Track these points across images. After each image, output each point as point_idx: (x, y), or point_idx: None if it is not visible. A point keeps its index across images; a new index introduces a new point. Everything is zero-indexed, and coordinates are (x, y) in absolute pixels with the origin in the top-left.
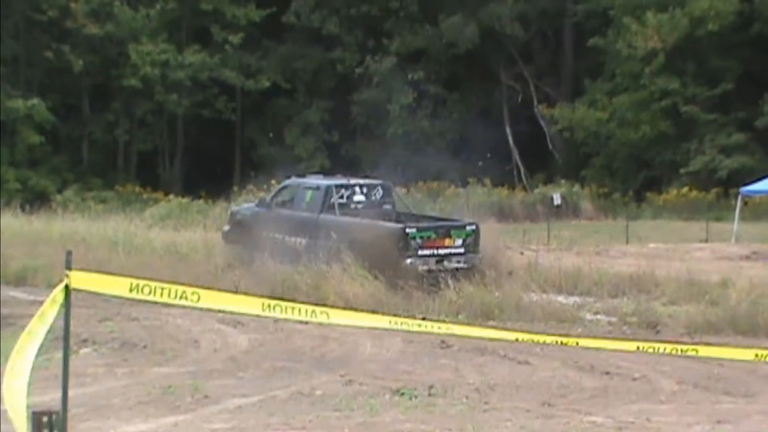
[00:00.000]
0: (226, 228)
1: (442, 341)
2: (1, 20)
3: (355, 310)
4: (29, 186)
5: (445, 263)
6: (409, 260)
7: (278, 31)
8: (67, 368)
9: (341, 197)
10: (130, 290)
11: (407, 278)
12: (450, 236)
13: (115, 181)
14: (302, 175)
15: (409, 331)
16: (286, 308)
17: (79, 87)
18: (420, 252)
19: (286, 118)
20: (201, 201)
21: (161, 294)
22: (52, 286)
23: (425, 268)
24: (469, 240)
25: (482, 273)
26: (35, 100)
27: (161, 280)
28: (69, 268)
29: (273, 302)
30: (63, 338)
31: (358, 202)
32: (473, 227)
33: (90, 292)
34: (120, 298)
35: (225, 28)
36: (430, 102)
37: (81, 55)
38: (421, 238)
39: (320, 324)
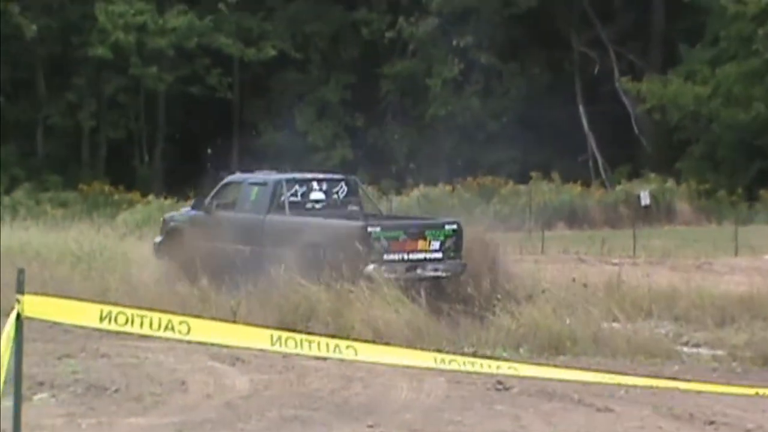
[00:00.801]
0: (158, 239)
1: (498, 382)
2: None
3: (389, 343)
4: None
5: (419, 271)
6: (371, 266)
7: None
8: (19, 420)
9: (294, 195)
10: (101, 319)
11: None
12: (424, 237)
13: (79, 179)
14: (249, 171)
15: (458, 371)
16: (301, 342)
17: (33, 58)
18: (386, 256)
19: (296, 96)
20: (189, 202)
21: (141, 324)
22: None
23: (392, 276)
24: (449, 242)
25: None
26: None
27: (140, 307)
28: (21, 291)
29: (285, 334)
30: (14, 381)
31: (316, 201)
32: (454, 227)
33: (48, 322)
34: (87, 328)
35: None
36: (481, 75)
37: (34, 17)
38: (387, 239)
39: (343, 360)
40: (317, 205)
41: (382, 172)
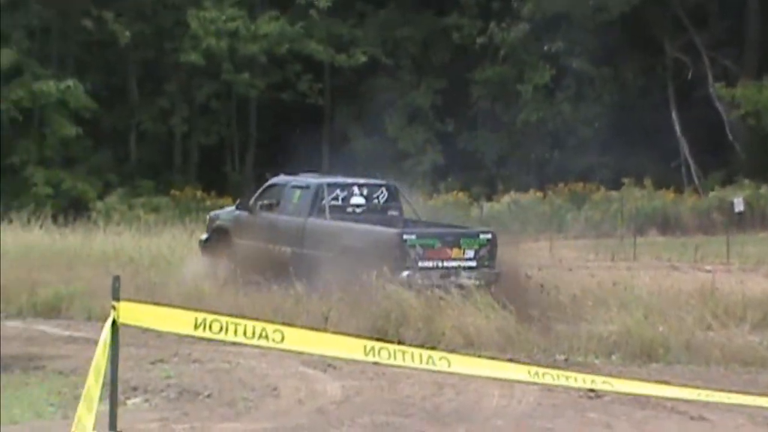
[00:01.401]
0: (204, 237)
1: (590, 389)
2: None
3: (481, 355)
4: (62, 190)
5: (453, 278)
6: (406, 273)
7: None
8: (114, 424)
9: (335, 199)
10: (196, 326)
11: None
12: (459, 246)
13: (171, 184)
14: (293, 174)
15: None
16: (394, 352)
17: (126, 64)
18: (421, 264)
19: (387, 102)
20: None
21: (235, 332)
22: (91, 318)
23: (427, 283)
24: (483, 251)
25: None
26: (70, 82)
27: (235, 315)
28: (117, 297)
29: (378, 345)
30: (110, 387)
31: (357, 206)
32: (488, 236)
33: (142, 329)
34: (182, 336)
35: None
36: (572, 80)
37: (128, 24)
38: (423, 246)
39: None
40: (357, 210)
41: (472, 177)
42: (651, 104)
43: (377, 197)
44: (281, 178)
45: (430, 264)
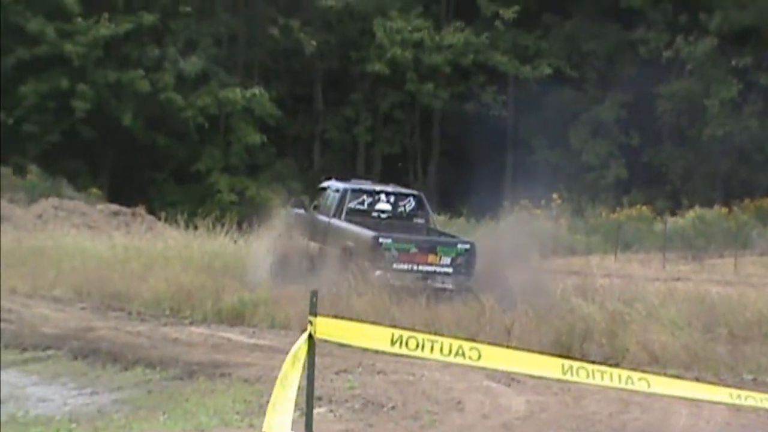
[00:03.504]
0: (277, 234)
1: None
2: None
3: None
4: (247, 197)
5: (429, 282)
6: (378, 272)
7: (564, 3)
8: None
9: (360, 203)
10: (392, 342)
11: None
12: (435, 253)
13: None
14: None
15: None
16: (592, 372)
17: (311, 73)
18: (396, 266)
19: (571, 114)
20: (461, 219)
21: (431, 349)
22: (275, 326)
23: (398, 283)
24: (461, 260)
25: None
26: (256, 90)
27: (426, 331)
28: (314, 312)
29: (576, 364)
30: (305, 400)
31: (382, 211)
32: (466, 246)
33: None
34: (379, 352)
35: None
36: (759, 95)
37: (314, 33)
38: (398, 250)
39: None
40: (383, 215)
41: (656, 192)
42: None
43: (404, 205)
44: (329, 182)
45: (405, 267)
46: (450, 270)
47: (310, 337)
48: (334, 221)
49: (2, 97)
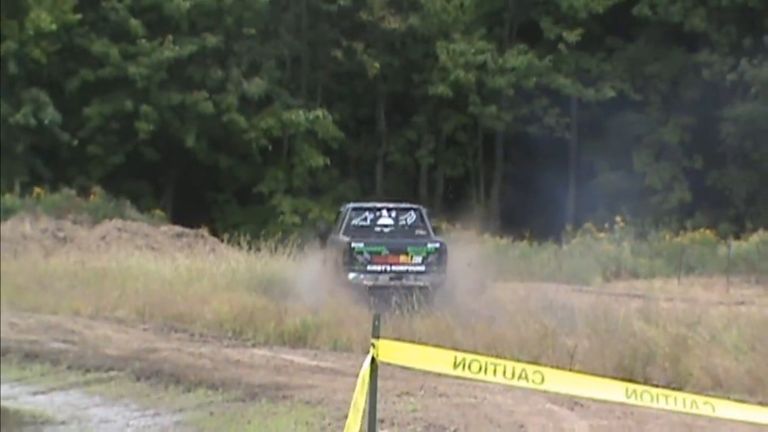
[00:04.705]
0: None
1: None
2: (281, 12)
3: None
4: (309, 219)
5: (404, 281)
6: (352, 275)
7: (627, 26)
8: None
9: (363, 220)
10: (455, 366)
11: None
12: (406, 253)
13: None
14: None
15: None
16: (657, 396)
17: (374, 95)
18: (369, 267)
19: (634, 137)
20: (524, 242)
21: (494, 372)
22: (337, 349)
23: (370, 283)
24: (431, 258)
25: None
26: (319, 112)
27: (487, 354)
28: (376, 335)
29: (639, 388)
30: (368, 423)
31: (384, 226)
32: (436, 245)
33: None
34: (442, 375)
35: (559, 22)
36: None
37: (377, 55)
38: (370, 253)
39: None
40: (385, 230)
41: (720, 215)
42: None
43: (405, 219)
44: (347, 204)
45: (378, 268)
46: (422, 268)
47: (373, 360)
48: (335, 237)
49: (67, 119)
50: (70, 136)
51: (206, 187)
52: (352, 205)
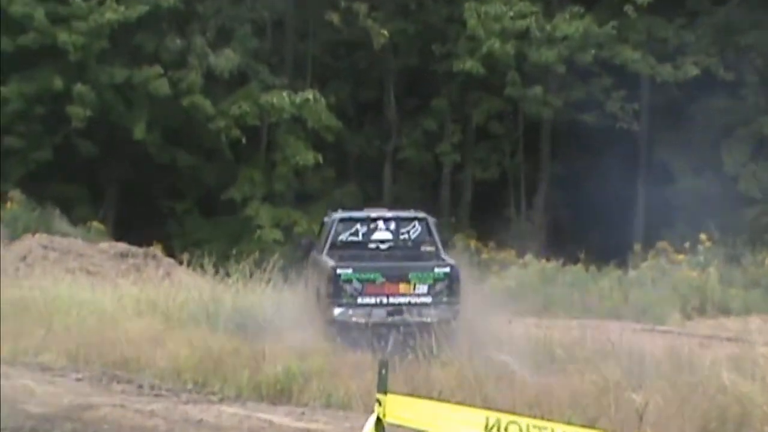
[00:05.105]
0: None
1: None
2: None
3: None
4: (295, 235)
5: (405, 316)
6: (338, 310)
7: None
8: None
9: (354, 234)
10: (487, 429)
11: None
12: (407, 281)
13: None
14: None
15: None
16: None
17: (381, 72)
18: (360, 300)
19: (724, 129)
20: (578, 266)
21: None
22: (331, 406)
23: (362, 321)
24: (440, 286)
25: None
26: (309, 94)
27: (530, 414)
28: (383, 389)
29: None
30: None
31: (381, 241)
32: (445, 270)
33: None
34: None
35: None
36: None
37: (385, 19)
38: (361, 281)
39: None
40: (382, 245)
41: None
42: None
43: (407, 232)
44: (333, 214)
45: (372, 300)
46: (428, 300)
47: (379, 420)
48: (317, 258)
49: None
50: None
51: (160, 193)
52: (339, 215)
